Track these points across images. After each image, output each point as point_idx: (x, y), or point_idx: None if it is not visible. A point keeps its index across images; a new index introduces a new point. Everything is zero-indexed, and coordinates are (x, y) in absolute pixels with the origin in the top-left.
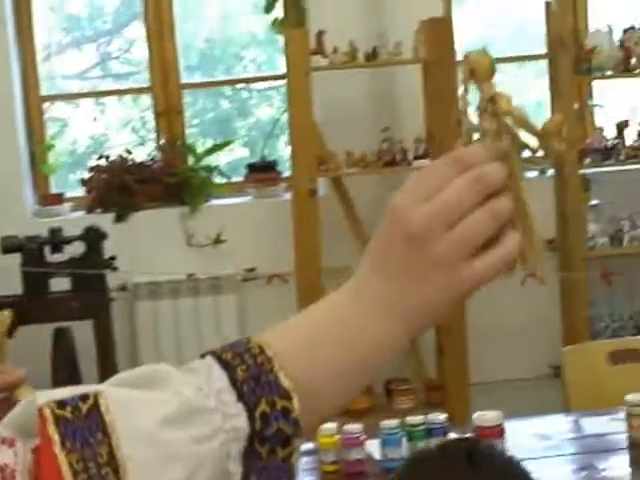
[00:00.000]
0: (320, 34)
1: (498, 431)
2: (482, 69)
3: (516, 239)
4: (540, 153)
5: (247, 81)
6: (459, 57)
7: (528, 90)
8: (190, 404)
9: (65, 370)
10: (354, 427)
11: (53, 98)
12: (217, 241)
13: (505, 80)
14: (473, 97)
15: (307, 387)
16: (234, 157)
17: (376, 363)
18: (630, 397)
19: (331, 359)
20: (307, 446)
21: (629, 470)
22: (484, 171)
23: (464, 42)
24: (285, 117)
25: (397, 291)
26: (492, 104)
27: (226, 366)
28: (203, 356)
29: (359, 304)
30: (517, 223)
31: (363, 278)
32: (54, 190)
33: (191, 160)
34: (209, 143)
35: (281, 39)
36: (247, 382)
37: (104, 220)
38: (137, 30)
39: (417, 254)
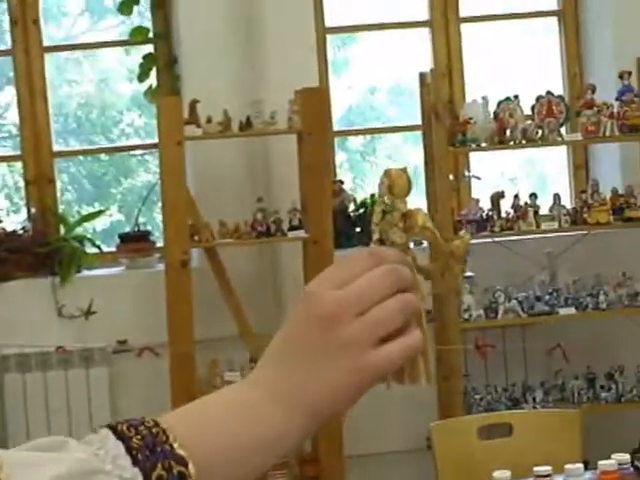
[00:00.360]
0: (193, 103)
1: None
2: (400, 187)
3: (419, 333)
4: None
5: (120, 150)
6: (335, 127)
7: (407, 155)
8: (86, 464)
9: None
10: None
11: None
12: (88, 312)
13: (385, 147)
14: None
15: (200, 459)
16: (111, 220)
17: (274, 448)
18: (497, 474)
19: (222, 436)
20: None
21: None
22: (396, 267)
23: (340, 110)
24: None
25: (302, 375)
26: (405, 220)
27: (121, 436)
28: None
29: (252, 391)
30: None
31: (261, 365)
32: None
33: (63, 229)
34: (85, 208)
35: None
36: (142, 450)
37: None
38: (10, 95)
39: (328, 336)
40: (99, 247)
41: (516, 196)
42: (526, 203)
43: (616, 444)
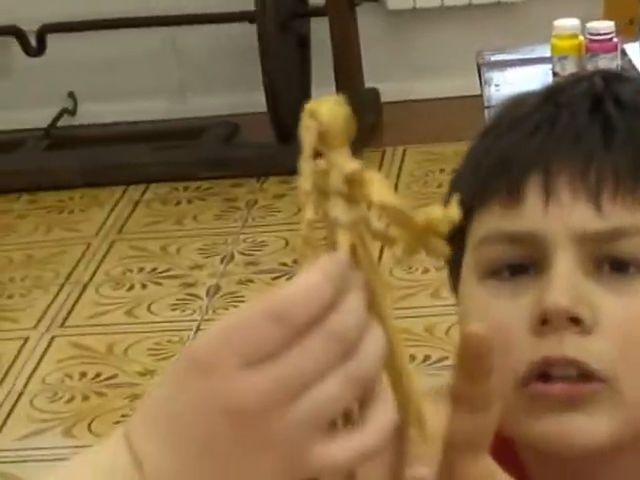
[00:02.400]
0: None
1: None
2: (337, 132)
3: (387, 412)
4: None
5: None
6: None
7: None
8: None
9: None
10: (602, 25)
11: None
12: None
13: None
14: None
15: None
16: None
17: None
18: None
19: None
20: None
21: None
22: (337, 323)
23: None
24: None
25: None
26: (352, 186)
27: None
28: None
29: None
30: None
31: (152, 440)
32: None
33: None
34: None
35: None
36: None
37: None
38: None
39: (245, 433)
40: None
41: None
42: None
43: None
